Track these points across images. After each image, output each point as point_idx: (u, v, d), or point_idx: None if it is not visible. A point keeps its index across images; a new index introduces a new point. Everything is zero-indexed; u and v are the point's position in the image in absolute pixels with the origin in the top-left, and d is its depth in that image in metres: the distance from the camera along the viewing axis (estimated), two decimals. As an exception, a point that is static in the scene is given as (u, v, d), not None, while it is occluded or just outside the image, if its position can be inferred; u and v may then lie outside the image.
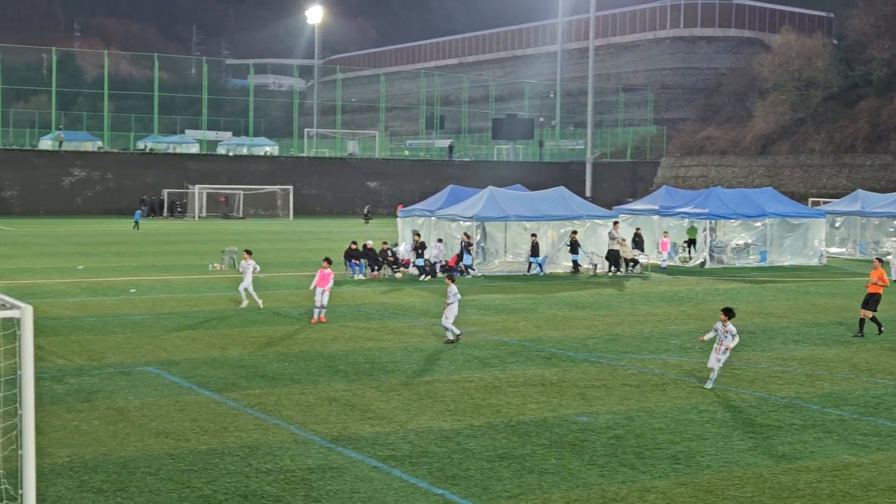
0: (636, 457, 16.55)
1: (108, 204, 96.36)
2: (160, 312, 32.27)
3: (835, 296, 39.51)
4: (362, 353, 25.70)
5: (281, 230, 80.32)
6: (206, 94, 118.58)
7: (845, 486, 15.12)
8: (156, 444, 16.85)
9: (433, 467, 15.80)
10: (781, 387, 22.27)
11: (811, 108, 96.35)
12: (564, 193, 50.77)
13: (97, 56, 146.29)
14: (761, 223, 53.38)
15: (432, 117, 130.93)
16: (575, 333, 29.47)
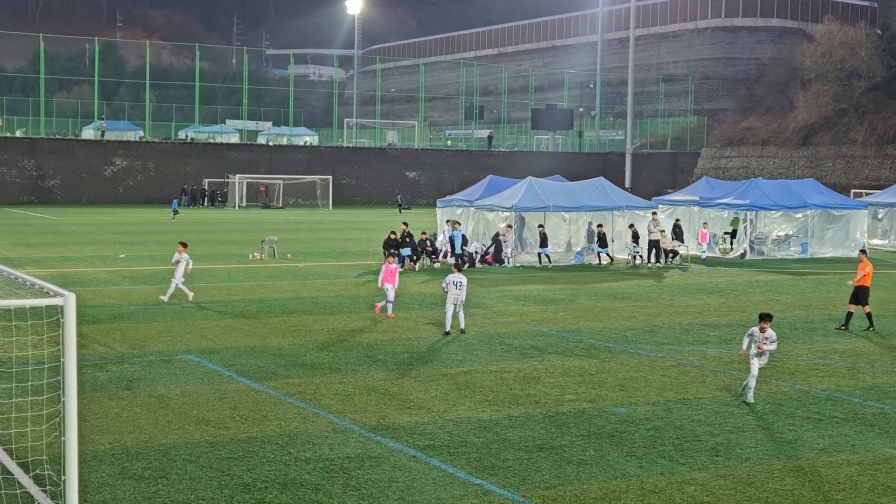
0: (675, 449, 16.50)
1: (150, 193, 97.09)
2: (201, 301, 32.47)
3: (876, 288, 39.08)
4: (401, 342, 25.77)
5: (320, 220, 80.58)
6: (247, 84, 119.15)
7: (886, 480, 15.00)
8: (196, 432, 16.98)
9: (471, 457, 15.83)
10: (822, 379, 22.12)
11: (854, 99, 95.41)
12: (604, 184, 50.61)
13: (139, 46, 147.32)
14: (802, 215, 52.95)
15: (472, 107, 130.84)
16: (614, 324, 29.39)
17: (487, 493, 14.17)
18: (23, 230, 61.88)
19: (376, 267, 43.84)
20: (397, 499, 13.81)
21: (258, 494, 13.89)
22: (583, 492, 14.27)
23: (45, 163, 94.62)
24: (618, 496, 14.09)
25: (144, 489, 14.03)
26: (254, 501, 13.61)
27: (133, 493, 13.83)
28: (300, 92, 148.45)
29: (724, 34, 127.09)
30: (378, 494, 13.97)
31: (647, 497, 14.08)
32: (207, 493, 13.90)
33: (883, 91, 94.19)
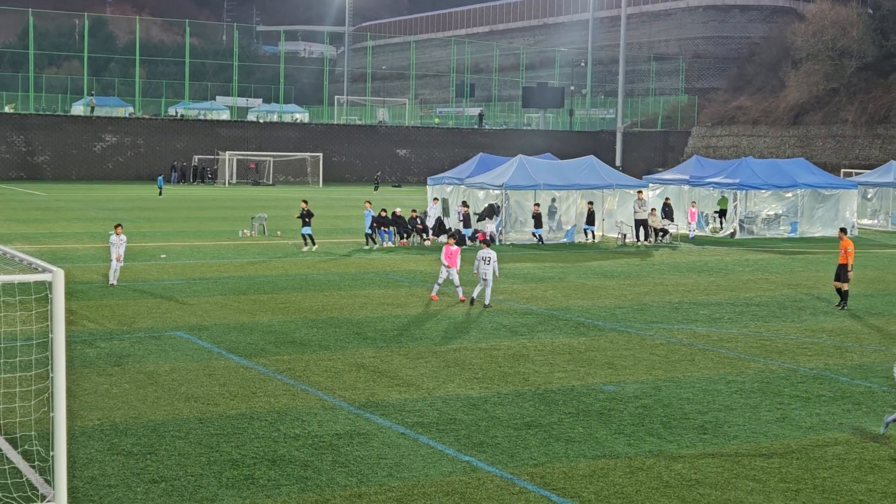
0: (663, 426, 16.55)
1: (139, 169, 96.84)
2: (190, 278, 32.45)
3: (866, 268, 39.22)
4: (390, 319, 25.78)
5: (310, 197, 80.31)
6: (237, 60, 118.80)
7: (873, 458, 15.07)
8: (185, 409, 16.99)
9: (460, 434, 15.86)
10: (810, 358, 22.19)
11: (844, 79, 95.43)
12: (594, 162, 50.59)
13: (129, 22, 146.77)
14: (792, 194, 53.02)
15: (462, 85, 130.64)
16: (603, 302, 29.44)
17: (476, 469, 14.20)
18: (12, 206, 61.71)
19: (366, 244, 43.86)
20: (386, 475, 13.84)
21: (247, 471, 13.91)
22: (571, 469, 14.31)
23: (35, 139, 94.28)
24: (606, 473, 14.13)
25: (133, 465, 14.03)
26: (242, 477, 13.63)
27: (122, 469, 13.84)
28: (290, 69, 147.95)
29: (716, 13, 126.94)
30: (367, 471, 13.99)
31: (635, 474, 14.13)
32: (196, 469, 13.91)
33: (874, 71, 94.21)
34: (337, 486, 13.42)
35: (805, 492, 13.56)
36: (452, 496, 13.12)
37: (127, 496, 12.85)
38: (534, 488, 13.49)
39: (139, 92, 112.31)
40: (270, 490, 13.19)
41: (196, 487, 13.23)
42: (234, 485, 13.36)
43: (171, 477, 13.58)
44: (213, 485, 13.34)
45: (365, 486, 13.44)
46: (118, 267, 30.61)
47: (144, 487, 13.18)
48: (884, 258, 42.78)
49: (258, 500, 12.85)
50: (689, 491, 13.50)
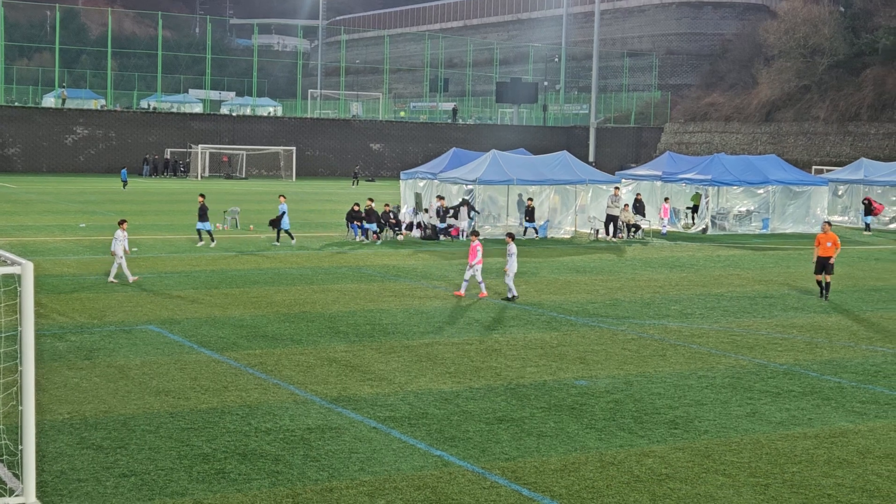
0: (634, 421, 16.61)
1: (111, 162, 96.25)
2: (162, 271, 32.31)
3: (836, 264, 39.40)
4: (363, 314, 25.75)
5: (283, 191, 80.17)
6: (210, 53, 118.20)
7: (842, 453, 15.18)
8: (156, 403, 16.91)
9: (432, 429, 15.87)
10: (781, 354, 22.32)
11: (816, 76, 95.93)
12: (567, 158, 50.67)
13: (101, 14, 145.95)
14: (764, 190, 53.28)
15: (436, 80, 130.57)
16: (576, 298, 29.50)
17: (448, 464, 14.21)
18: (-18, 198, 61.19)
19: (339, 239, 43.81)
20: (357, 470, 13.83)
21: (218, 465, 13.87)
22: (542, 463, 14.34)
23: (5, 131, 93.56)
24: (577, 468, 14.17)
25: (103, 459, 13.97)
26: (213, 472, 13.59)
27: (91, 463, 13.77)
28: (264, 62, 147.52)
29: (689, 9, 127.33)
30: (338, 465, 13.98)
31: (606, 469, 14.17)
32: (167, 464, 13.86)
33: (845, 68, 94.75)
34: (308, 480, 13.40)
35: (774, 486, 13.64)
36: (424, 490, 13.13)
37: (97, 490, 12.79)
38: (505, 482, 13.51)
39: (111, 84, 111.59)
40: (241, 484, 13.16)
41: (166, 481, 13.18)
42: (205, 479, 13.32)
43: (141, 471, 13.53)
44: (184, 479, 13.30)
45: (336, 480, 13.43)
46: (121, 263, 29.88)
47: (114, 481, 13.12)
48: (853, 255, 43.06)
49: (229, 494, 12.82)
50: (659, 485, 13.56)
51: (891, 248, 46.45)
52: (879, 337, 24.64)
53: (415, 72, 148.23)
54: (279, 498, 12.73)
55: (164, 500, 12.56)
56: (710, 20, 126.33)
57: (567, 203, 48.92)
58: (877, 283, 34.34)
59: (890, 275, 36.76)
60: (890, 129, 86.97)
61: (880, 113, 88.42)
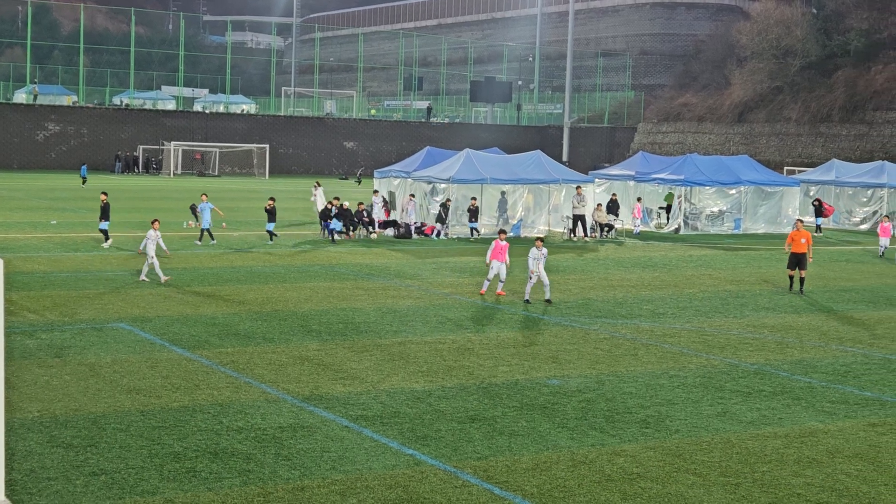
0: (606, 420, 16.66)
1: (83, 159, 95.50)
2: (134, 269, 32.13)
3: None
4: (336, 312, 25.71)
5: (256, 189, 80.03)
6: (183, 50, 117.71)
7: (812, 453, 15.27)
8: (127, 401, 16.83)
9: (404, 428, 15.86)
10: (752, 353, 22.43)
11: (788, 77, 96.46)
12: (541, 157, 50.74)
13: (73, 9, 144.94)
14: (736, 191, 53.54)
15: (410, 78, 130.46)
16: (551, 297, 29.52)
17: (419, 463, 14.21)
18: (-49, 195, 60.74)
19: (312, 237, 43.73)
20: (329, 468, 13.81)
21: (189, 463, 13.82)
22: (514, 462, 14.36)
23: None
24: (549, 467, 14.20)
25: (73, 457, 13.89)
26: (184, 470, 13.53)
27: (61, 462, 13.69)
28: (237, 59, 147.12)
29: (663, 10, 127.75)
30: (310, 464, 13.96)
31: (577, 468, 14.21)
32: (137, 462, 13.80)
33: (817, 70, 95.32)
34: (280, 479, 13.37)
35: (745, 486, 13.71)
36: (395, 489, 13.12)
37: (66, 489, 12.72)
38: (477, 481, 13.52)
39: (83, 80, 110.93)
40: (212, 483, 13.12)
41: (137, 480, 13.12)
42: (176, 477, 13.27)
43: (111, 470, 13.46)
44: (155, 477, 13.24)
45: (308, 479, 13.40)
46: (153, 263, 29.53)
47: (84, 480, 13.05)
48: (824, 255, 43.32)
49: (200, 492, 12.77)
50: (630, 484, 13.61)
51: (861, 249, 46.77)
52: (849, 337, 24.81)
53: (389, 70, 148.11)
54: (250, 497, 12.70)
55: (134, 498, 12.51)
56: (684, 21, 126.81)
57: (540, 202, 49.00)
58: (847, 284, 34.57)
59: (860, 275, 37.02)
60: (861, 130, 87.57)
61: (851, 114, 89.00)
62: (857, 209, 59.46)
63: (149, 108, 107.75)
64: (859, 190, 59.28)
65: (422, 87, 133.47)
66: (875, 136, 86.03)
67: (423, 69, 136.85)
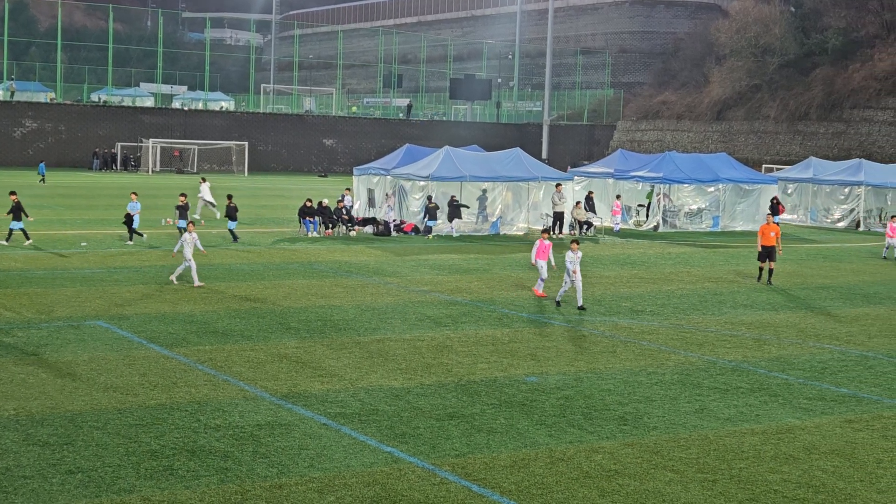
0: (584, 417, 16.69)
1: (61, 156, 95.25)
2: (111, 266, 32.02)
3: (785, 262, 39.88)
4: (314, 310, 25.67)
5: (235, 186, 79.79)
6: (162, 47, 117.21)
7: (789, 449, 15.34)
8: (104, 399, 16.77)
9: (382, 425, 15.85)
10: (729, 351, 22.51)
11: (767, 75, 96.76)
12: (520, 155, 50.76)
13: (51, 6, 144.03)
14: (715, 188, 53.71)
15: (390, 76, 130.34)
16: (527, 294, 29.58)
17: (398, 460, 14.20)
18: (-72, 192, 60.32)
19: (290, 234, 43.64)
20: (307, 466, 13.79)
21: (166, 461, 13.77)
22: (492, 459, 14.37)
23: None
24: (527, 464, 14.22)
25: (49, 456, 13.82)
26: (161, 468, 13.49)
27: (38, 460, 13.62)
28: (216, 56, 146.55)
29: (642, 8, 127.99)
30: (288, 462, 13.93)
31: (555, 465, 14.23)
32: (114, 460, 13.74)
33: (795, 68, 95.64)
34: (257, 476, 13.34)
35: (722, 482, 13.76)
36: (373, 487, 13.11)
37: (43, 487, 12.66)
38: (455, 479, 13.53)
39: (61, 77, 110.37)
40: (190, 481, 13.08)
41: (114, 478, 13.07)
42: (153, 476, 13.22)
43: (88, 468, 13.41)
44: (132, 476, 13.19)
45: (286, 476, 13.38)
46: (190, 266, 28.73)
47: (61, 478, 12.99)
48: (802, 253, 43.51)
49: (177, 490, 12.73)
50: (608, 481, 13.63)
51: (838, 247, 46.99)
52: (826, 334, 24.93)
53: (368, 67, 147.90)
54: (228, 495, 12.67)
55: (111, 497, 12.46)
56: (663, 19, 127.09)
57: (520, 200, 49.04)
58: (824, 282, 34.73)
59: (837, 272, 37.20)
60: (838, 128, 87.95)
61: (829, 112, 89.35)
62: (834, 207, 59.72)
63: (127, 105, 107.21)
64: (837, 188, 59.54)
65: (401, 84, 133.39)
66: (852, 134, 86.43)
67: (402, 66, 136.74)
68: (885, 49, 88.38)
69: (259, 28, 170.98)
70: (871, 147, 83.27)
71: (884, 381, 19.99)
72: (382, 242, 42.33)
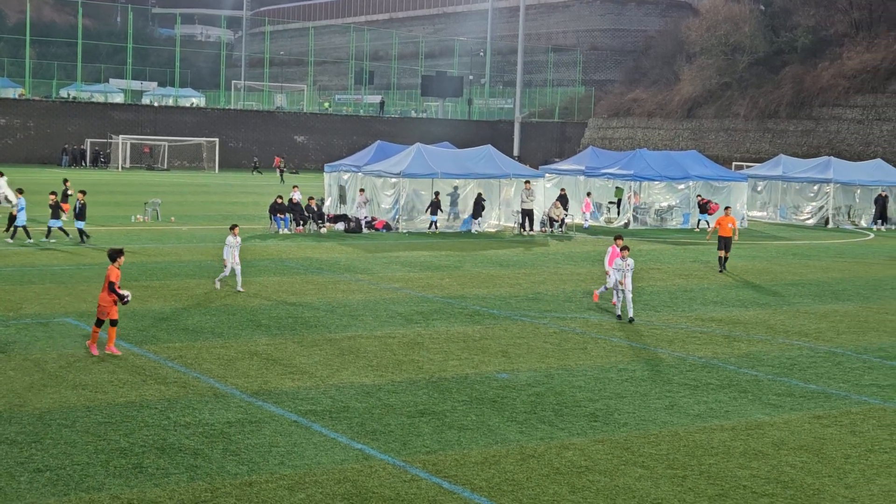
0: (555, 414, 16.72)
1: (30, 152, 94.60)
2: (80, 263, 31.82)
3: (755, 259, 40.12)
4: (285, 307, 25.60)
5: (206, 183, 79.51)
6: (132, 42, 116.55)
7: (758, 445, 15.41)
8: (72, 397, 16.66)
9: (353, 422, 15.83)
10: (699, 347, 22.60)
11: (737, 73, 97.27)
12: (492, 152, 50.80)
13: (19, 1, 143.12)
14: (685, 186, 53.93)
15: (361, 72, 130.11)
16: (498, 291, 29.61)
17: (368, 457, 14.18)
18: None
19: (262, 231, 43.50)
20: (277, 463, 13.75)
21: (135, 459, 13.69)
22: (463, 456, 14.37)
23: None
24: (498, 461, 14.23)
25: (17, 454, 13.71)
26: (131, 466, 13.41)
27: (6, 458, 13.52)
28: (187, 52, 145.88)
29: (613, 6, 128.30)
30: (258, 459, 13.89)
31: (526, 461, 14.24)
32: (83, 458, 13.65)
33: (765, 66, 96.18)
34: (227, 474, 13.29)
35: (692, 478, 13.81)
36: (344, 484, 13.09)
37: (10, 486, 12.56)
38: (426, 476, 13.52)
39: (29, 73, 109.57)
40: (159, 479, 13.01)
41: (82, 476, 12.98)
42: (122, 473, 13.15)
43: (56, 466, 13.31)
44: (101, 473, 13.11)
45: (256, 474, 13.33)
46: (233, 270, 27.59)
47: (29, 477, 12.89)
48: (772, 250, 43.76)
49: (146, 488, 12.66)
50: (579, 477, 13.66)
51: (807, 244, 47.27)
52: (795, 331, 25.07)
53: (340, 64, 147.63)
54: (198, 492, 12.61)
55: (79, 495, 12.37)
56: (634, 17, 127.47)
57: (491, 197, 49.05)
58: (794, 278, 34.93)
59: (806, 269, 37.42)
60: (808, 126, 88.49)
61: (798, 110, 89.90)
62: (803, 204, 60.07)
63: (96, 102, 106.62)
64: (806, 185, 59.89)
65: (373, 81, 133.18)
66: (821, 132, 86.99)
67: (374, 63, 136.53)
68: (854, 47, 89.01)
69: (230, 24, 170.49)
70: (839, 145, 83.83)
71: (852, 378, 20.13)
72: (354, 239, 42.27)
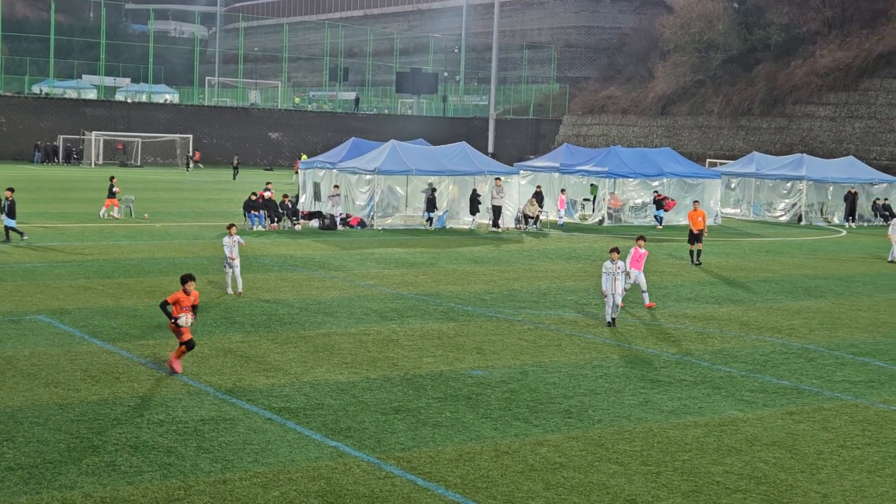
0: (530, 411, 16.74)
1: (2, 149, 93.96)
2: (53, 261, 31.63)
3: (728, 255, 40.29)
4: (259, 304, 25.53)
5: (179, 179, 79.18)
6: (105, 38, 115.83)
7: (731, 441, 15.48)
8: (45, 394, 16.56)
9: (328, 419, 15.80)
10: (673, 344, 22.68)
11: (710, 71, 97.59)
12: (466, 149, 50.80)
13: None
14: (659, 183, 54.09)
15: (336, 69, 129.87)
16: (473, 288, 29.62)
17: (343, 455, 14.16)
18: None
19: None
20: (251, 461, 13.71)
21: (108, 457, 13.63)
22: (438, 453, 14.37)
23: None
24: (472, 457, 14.23)
25: (-11, 452, 13.64)
26: (104, 464, 13.35)
27: (-23, 457, 13.43)
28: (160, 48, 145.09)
29: (588, 3, 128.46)
30: (231, 457, 13.84)
31: (500, 458, 14.26)
32: (55, 456, 13.58)
33: (738, 63, 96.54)
34: (201, 472, 13.24)
35: (665, 474, 13.86)
36: (318, 481, 13.06)
37: (-19, 484, 12.48)
38: (400, 473, 13.52)
39: (1, 69, 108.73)
40: (132, 477, 12.96)
41: (55, 475, 12.91)
42: (95, 472, 13.08)
43: (28, 464, 13.24)
44: (73, 472, 13.05)
45: (230, 471, 13.29)
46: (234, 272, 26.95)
47: (1, 475, 12.81)
48: (745, 246, 43.95)
49: (119, 486, 12.60)
50: (553, 474, 13.69)
51: (780, 241, 47.51)
52: (768, 327, 25.19)
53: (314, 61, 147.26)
54: (171, 490, 12.56)
55: (52, 493, 12.30)
56: (608, 14, 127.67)
57: (466, 194, 49.04)
58: (767, 275, 35.09)
59: (779, 266, 37.60)
60: (781, 123, 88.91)
61: (772, 108, 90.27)
62: (777, 201, 60.36)
63: (69, 98, 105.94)
64: (779, 182, 60.19)
65: (347, 77, 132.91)
66: (794, 130, 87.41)
67: (348, 60, 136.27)
68: (827, 45, 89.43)
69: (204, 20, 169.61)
70: (812, 142, 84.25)
71: (824, 374, 20.24)
72: (328, 236, 42.20)
